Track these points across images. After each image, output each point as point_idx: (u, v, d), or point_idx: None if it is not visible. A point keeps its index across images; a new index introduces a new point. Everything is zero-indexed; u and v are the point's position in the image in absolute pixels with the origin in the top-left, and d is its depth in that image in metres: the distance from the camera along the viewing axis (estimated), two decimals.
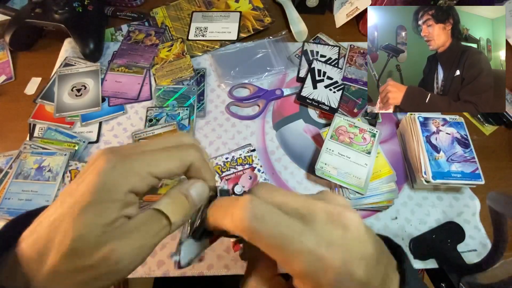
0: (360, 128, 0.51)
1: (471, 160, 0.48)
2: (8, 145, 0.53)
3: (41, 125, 0.54)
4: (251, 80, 0.61)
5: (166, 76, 0.60)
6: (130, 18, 0.69)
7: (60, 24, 0.58)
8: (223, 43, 0.66)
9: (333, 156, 0.49)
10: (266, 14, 0.69)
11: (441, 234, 0.47)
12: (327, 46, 0.65)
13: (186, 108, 0.56)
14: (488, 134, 0.58)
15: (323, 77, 0.60)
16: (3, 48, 0.65)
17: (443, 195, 0.51)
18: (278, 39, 0.66)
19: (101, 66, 0.61)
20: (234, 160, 0.52)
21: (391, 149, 0.55)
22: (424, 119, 0.51)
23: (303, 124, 0.58)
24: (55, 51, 0.64)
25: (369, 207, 0.48)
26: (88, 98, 0.57)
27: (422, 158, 0.48)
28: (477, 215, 0.49)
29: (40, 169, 0.48)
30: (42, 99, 0.57)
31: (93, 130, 0.55)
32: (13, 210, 0.45)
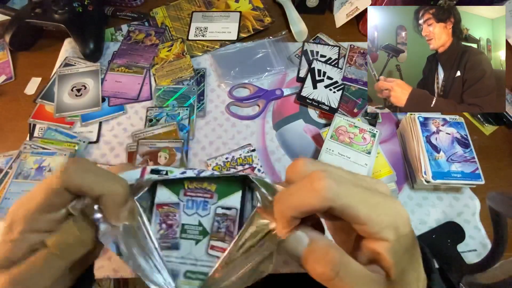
0: (360, 128, 0.51)
1: (471, 160, 0.48)
2: (8, 145, 0.53)
3: (41, 125, 0.54)
4: (251, 80, 0.61)
5: (166, 76, 0.60)
6: (130, 18, 0.69)
7: (60, 24, 0.58)
8: (223, 43, 0.66)
9: (333, 156, 0.49)
10: (266, 14, 0.69)
11: (441, 234, 0.47)
12: (327, 46, 0.65)
13: (186, 108, 0.56)
14: (488, 134, 0.58)
15: (323, 77, 0.60)
16: (3, 48, 0.65)
17: (443, 195, 0.51)
18: (278, 39, 0.66)
19: (101, 66, 0.61)
20: (234, 160, 0.52)
21: (391, 149, 0.55)
22: (424, 119, 0.51)
23: (303, 124, 0.58)
24: (55, 51, 0.64)
25: None
26: (88, 98, 0.57)
27: (422, 158, 0.48)
28: (477, 215, 0.49)
29: (40, 169, 0.48)
30: (42, 99, 0.57)
31: (93, 130, 0.55)
32: None
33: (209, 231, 0.20)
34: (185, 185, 0.21)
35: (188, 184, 0.21)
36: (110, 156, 0.53)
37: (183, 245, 0.20)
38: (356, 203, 0.17)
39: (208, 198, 0.20)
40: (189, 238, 0.20)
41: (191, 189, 0.20)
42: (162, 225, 0.20)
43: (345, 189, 0.17)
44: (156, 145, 0.51)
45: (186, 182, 0.21)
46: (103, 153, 0.53)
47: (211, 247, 0.20)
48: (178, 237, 0.20)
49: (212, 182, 0.21)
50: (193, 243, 0.20)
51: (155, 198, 0.20)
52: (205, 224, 0.20)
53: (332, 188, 0.17)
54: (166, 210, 0.20)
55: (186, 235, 0.20)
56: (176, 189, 0.21)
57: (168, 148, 0.51)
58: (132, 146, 0.53)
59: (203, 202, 0.20)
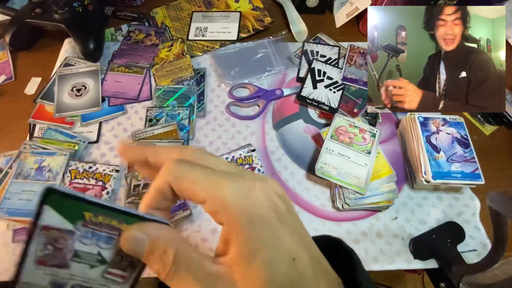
0: (360, 128, 0.51)
1: (471, 160, 0.48)
2: (8, 145, 0.53)
3: (41, 125, 0.54)
4: (251, 80, 0.61)
5: (166, 76, 0.60)
6: (130, 18, 0.69)
7: (60, 24, 0.58)
8: (223, 43, 0.66)
9: (333, 156, 0.49)
10: (266, 14, 0.69)
11: (441, 234, 0.47)
12: (327, 46, 0.65)
13: (186, 108, 0.56)
14: (488, 134, 0.58)
15: (323, 77, 0.60)
16: (3, 48, 0.65)
17: (443, 195, 0.51)
18: (278, 39, 0.66)
19: (101, 66, 0.61)
20: (234, 160, 0.52)
21: (391, 149, 0.55)
22: (424, 119, 0.51)
23: (303, 124, 0.58)
24: (55, 51, 0.64)
25: (369, 207, 0.48)
26: (88, 98, 0.57)
27: (422, 158, 0.48)
28: (477, 215, 0.49)
29: (40, 169, 0.48)
30: (42, 99, 0.57)
31: (93, 130, 0.55)
32: (13, 210, 0.45)
33: (108, 261, 0.18)
34: (85, 217, 0.18)
35: (90, 216, 0.18)
36: (110, 156, 0.53)
37: (75, 266, 0.18)
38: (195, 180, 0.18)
39: (115, 236, 0.18)
40: (82, 262, 0.18)
41: (94, 222, 0.18)
42: (48, 246, 0.18)
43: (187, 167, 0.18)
44: (156, 145, 0.51)
45: (88, 214, 0.18)
46: (103, 153, 0.53)
47: (109, 273, 0.19)
48: (69, 260, 0.18)
49: (124, 222, 0.18)
50: (87, 267, 0.18)
51: (39, 219, 0.17)
52: (105, 255, 0.18)
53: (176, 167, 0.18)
54: (55, 234, 0.18)
55: (80, 260, 0.18)
56: (71, 217, 0.18)
57: None
58: None
59: (107, 237, 0.18)
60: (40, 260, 0.18)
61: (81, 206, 0.17)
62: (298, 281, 0.16)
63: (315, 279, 0.17)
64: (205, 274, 0.17)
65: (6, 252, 0.45)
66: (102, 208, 0.18)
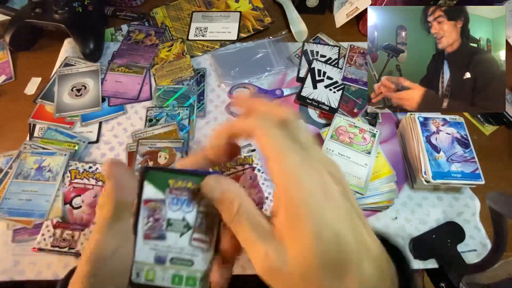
0: (360, 128, 0.51)
1: (471, 160, 0.48)
2: (8, 145, 0.53)
3: (41, 125, 0.54)
4: (251, 80, 0.61)
5: (166, 76, 0.60)
6: (130, 18, 0.69)
7: (60, 24, 0.58)
8: (223, 43, 0.66)
9: (333, 156, 0.49)
10: (266, 14, 0.69)
11: (441, 234, 0.47)
12: (327, 46, 0.65)
13: (186, 108, 0.56)
14: (488, 134, 0.58)
15: (323, 77, 0.60)
16: (3, 48, 0.65)
17: (443, 195, 0.51)
18: (278, 39, 0.66)
19: (101, 66, 0.61)
20: (234, 160, 0.52)
21: (391, 149, 0.55)
22: (424, 119, 0.51)
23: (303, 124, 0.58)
24: (55, 51, 0.64)
25: (369, 207, 0.48)
26: (88, 98, 0.57)
27: (422, 158, 0.48)
28: (477, 215, 0.49)
29: (40, 169, 0.48)
30: (42, 99, 0.57)
31: (93, 130, 0.55)
32: (13, 210, 0.45)
33: (192, 226, 0.22)
34: (170, 184, 0.22)
35: (173, 183, 0.22)
36: (110, 156, 0.53)
37: (169, 237, 0.22)
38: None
39: (193, 198, 0.22)
40: (174, 231, 0.22)
41: (176, 188, 0.22)
42: (150, 218, 0.22)
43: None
44: (156, 145, 0.51)
45: (171, 181, 0.22)
46: (103, 153, 0.53)
47: (194, 239, 0.22)
48: (165, 230, 0.22)
49: (195, 183, 0.22)
50: (178, 235, 0.22)
51: (143, 194, 0.22)
52: (189, 219, 0.22)
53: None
54: (153, 205, 0.22)
55: (172, 228, 0.22)
56: (161, 187, 0.22)
57: (168, 148, 0.51)
58: (132, 146, 0.53)
59: (188, 202, 0.22)
60: (146, 234, 0.22)
61: (166, 175, 0.22)
62: (337, 256, 0.17)
63: (358, 255, 0.18)
64: (260, 227, 0.19)
65: (6, 252, 0.45)
66: (180, 174, 0.22)
